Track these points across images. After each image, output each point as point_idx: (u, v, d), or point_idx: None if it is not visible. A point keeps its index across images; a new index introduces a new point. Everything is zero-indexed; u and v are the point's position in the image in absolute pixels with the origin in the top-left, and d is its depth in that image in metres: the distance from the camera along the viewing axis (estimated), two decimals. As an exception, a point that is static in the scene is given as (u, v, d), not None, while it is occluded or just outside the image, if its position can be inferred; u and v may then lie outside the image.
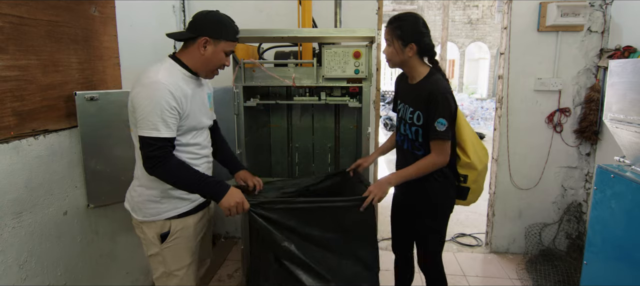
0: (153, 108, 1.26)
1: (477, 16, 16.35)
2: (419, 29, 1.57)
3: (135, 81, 1.34)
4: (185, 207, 1.47)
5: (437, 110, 1.52)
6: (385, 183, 1.59)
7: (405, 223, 1.88)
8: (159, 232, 1.44)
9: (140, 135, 1.28)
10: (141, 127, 1.28)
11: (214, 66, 1.44)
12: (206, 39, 1.38)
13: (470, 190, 1.70)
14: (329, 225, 1.51)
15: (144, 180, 1.41)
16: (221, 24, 1.40)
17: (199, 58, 1.40)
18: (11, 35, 1.39)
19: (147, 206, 1.43)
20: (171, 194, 1.43)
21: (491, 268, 2.79)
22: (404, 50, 1.57)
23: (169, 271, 1.49)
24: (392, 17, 1.61)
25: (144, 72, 1.34)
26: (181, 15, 2.76)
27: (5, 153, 1.38)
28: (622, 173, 1.48)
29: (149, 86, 1.28)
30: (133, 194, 1.47)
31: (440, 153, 1.55)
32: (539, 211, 2.89)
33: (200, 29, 1.38)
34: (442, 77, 1.61)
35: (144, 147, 1.28)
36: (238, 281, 2.57)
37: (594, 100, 2.63)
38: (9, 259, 1.41)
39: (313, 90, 2.15)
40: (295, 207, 1.47)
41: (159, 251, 1.47)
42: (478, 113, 12.09)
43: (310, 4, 2.13)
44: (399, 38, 1.57)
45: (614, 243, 1.53)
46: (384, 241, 3.15)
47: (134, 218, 1.48)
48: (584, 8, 2.55)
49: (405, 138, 1.71)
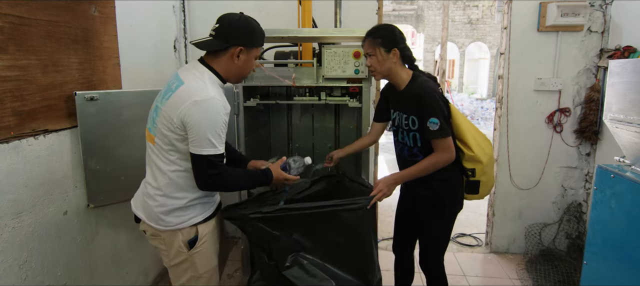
0: (211, 126, 1.25)
1: (477, 16, 16.35)
2: (397, 35, 1.62)
3: (179, 97, 1.27)
4: (209, 211, 1.46)
5: (427, 111, 1.54)
6: (392, 182, 1.60)
7: (410, 223, 1.88)
8: (186, 239, 1.40)
9: (199, 154, 1.26)
10: (199, 145, 1.25)
11: (246, 73, 1.45)
12: (241, 49, 1.35)
13: (481, 183, 1.70)
14: (332, 229, 1.51)
15: (168, 190, 1.36)
16: (254, 31, 1.38)
17: (232, 67, 1.38)
18: (11, 35, 1.39)
19: (172, 215, 1.38)
20: (197, 201, 1.41)
21: (491, 268, 2.79)
22: (388, 56, 1.60)
23: (198, 275, 1.46)
24: (368, 31, 1.65)
25: (186, 87, 1.28)
26: (181, 15, 2.76)
27: (5, 153, 1.38)
28: (622, 173, 1.48)
29: (203, 104, 1.24)
30: (151, 204, 1.39)
31: (443, 151, 1.56)
32: (539, 211, 2.89)
33: (233, 39, 1.34)
34: (427, 78, 1.64)
35: (202, 165, 1.27)
36: (238, 281, 2.57)
37: (594, 100, 2.63)
38: (9, 259, 1.41)
39: (313, 90, 2.15)
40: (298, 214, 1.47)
41: (186, 258, 1.42)
42: (478, 113, 12.10)
43: (310, 4, 2.13)
44: (381, 45, 1.61)
45: (614, 243, 1.53)
46: (384, 241, 3.15)
47: (154, 228, 1.40)
48: (584, 8, 2.55)
49: (404, 147, 1.71)
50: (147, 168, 1.45)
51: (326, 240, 1.53)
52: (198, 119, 1.24)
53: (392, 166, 5.77)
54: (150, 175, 1.41)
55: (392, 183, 1.60)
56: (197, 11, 2.84)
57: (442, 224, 1.73)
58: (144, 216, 1.44)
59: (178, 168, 1.35)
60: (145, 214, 1.43)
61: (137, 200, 1.49)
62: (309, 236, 1.53)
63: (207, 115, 1.24)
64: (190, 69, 1.36)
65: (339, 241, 1.52)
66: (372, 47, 1.62)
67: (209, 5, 2.82)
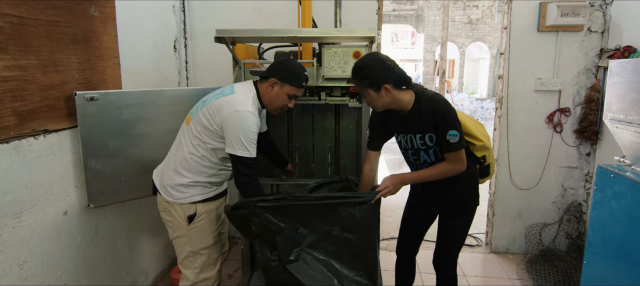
0: (245, 133, 1.50)
1: (477, 16, 16.34)
2: (382, 69, 1.50)
3: (226, 102, 1.54)
4: (209, 193, 1.67)
5: (446, 124, 1.50)
6: (399, 181, 1.60)
7: (419, 225, 1.88)
8: (186, 214, 1.63)
9: (235, 154, 1.51)
10: (235, 147, 1.51)
11: (278, 105, 1.65)
12: (274, 81, 1.60)
13: (490, 166, 1.78)
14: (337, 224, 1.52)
15: (179, 167, 1.61)
16: (290, 71, 1.61)
17: (267, 95, 1.64)
18: (11, 35, 1.39)
19: (176, 189, 1.62)
20: (198, 182, 1.63)
21: (491, 268, 2.79)
22: (379, 94, 1.52)
23: (196, 250, 1.68)
24: (353, 70, 1.55)
25: (235, 98, 1.55)
26: (181, 15, 2.76)
27: (5, 153, 1.38)
28: (622, 173, 1.48)
29: (242, 114, 1.51)
30: (165, 176, 1.66)
31: (455, 162, 1.55)
32: (539, 211, 2.89)
33: (272, 71, 1.62)
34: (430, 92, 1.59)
35: (238, 164, 1.53)
36: (238, 281, 2.57)
37: (594, 100, 2.63)
38: (9, 259, 1.41)
39: (313, 90, 2.15)
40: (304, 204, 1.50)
41: (185, 233, 1.65)
42: (478, 113, 12.10)
43: (310, 4, 2.13)
44: (369, 87, 1.52)
45: (614, 243, 1.53)
46: (384, 241, 3.15)
47: (163, 199, 1.65)
48: (584, 8, 2.55)
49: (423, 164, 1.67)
50: (173, 145, 1.71)
51: (331, 236, 1.54)
52: (235, 125, 1.50)
53: (392, 166, 5.78)
54: (173, 150, 1.68)
55: (398, 182, 1.59)
56: (197, 11, 2.84)
57: (463, 223, 1.74)
58: (158, 184, 1.69)
59: (195, 152, 1.59)
60: (159, 183, 1.69)
61: (158, 170, 1.74)
62: (314, 230, 1.54)
63: (242, 124, 1.50)
64: (244, 85, 1.65)
65: (344, 238, 1.53)
66: (361, 88, 1.56)
67: (209, 5, 2.82)
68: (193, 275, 1.70)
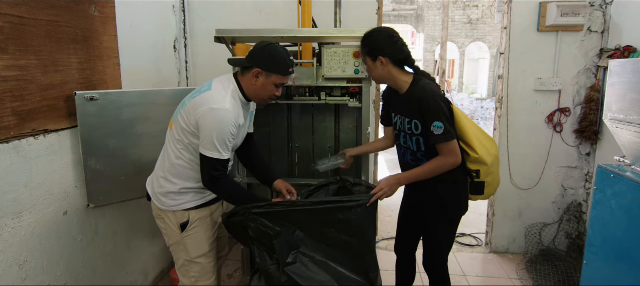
0: (219, 134, 1.40)
1: (477, 16, 16.34)
2: (384, 41, 1.57)
3: (202, 100, 1.42)
4: (202, 200, 1.60)
5: (430, 115, 1.52)
6: (395, 183, 1.60)
7: (413, 224, 1.88)
8: (179, 221, 1.56)
9: (205, 154, 1.42)
10: (206, 147, 1.41)
11: (264, 96, 1.54)
12: (258, 71, 1.47)
13: (486, 184, 1.67)
14: (333, 226, 1.51)
15: (168, 174, 1.54)
16: (274, 59, 1.48)
17: (252, 87, 1.51)
18: (11, 35, 1.39)
19: (167, 197, 1.55)
20: (189, 188, 1.56)
21: (491, 268, 2.79)
22: (375, 64, 1.59)
23: (191, 259, 1.61)
24: (363, 36, 1.63)
25: (211, 95, 1.43)
26: (181, 15, 2.76)
27: (5, 153, 1.38)
28: (622, 173, 1.48)
29: (217, 113, 1.39)
30: (155, 184, 1.59)
31: (448, 154, 1.53)
32: (539, 211, 2.89)
33: (254, 60, 1.48)
34: (428, 81, 1.60)
35: (207, 165, 1.44)
36: (238, 281, 2.57)
37: (594, 100, 2.63)
38: (9, 259, 1.41)
39: (313, 90, 2.15)
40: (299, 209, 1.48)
41: (180, 240, 1.59)
42: (478, 113, 12.09)
43: (310, 4, 2.13)
44: (367, 54, 1.60)
45: (614, 243, 1.53)
46: (384, 241, 3.15)
47: (156, 207, 1.59)
48: (584, 8, 2.55)
49: (407, 151, 1.69)
50: (161, 152, 1.63)
51: (328, 238, 1.53)
52: (208, 123, 1.39)
53: (392, 166, 5.77)
54: (161, 158, 1.61)
55: (394, 183, 1.59)
56: (197, 11, 2.84)
57: (447, 228, 1.72)
58: (150, 192, 1.62)
59: (182, 157, 1.51)
60: (151, 191, 1.62)
61: (150, 178, 1.67)
62: (311, 233, 1.54)
63: (217, 124, 1.39)
64: (222, 80, 1.52)
65: (341, 240, 1.52)
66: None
67: (209, 5, 2.82)
68: (190, 284, 1.64)
